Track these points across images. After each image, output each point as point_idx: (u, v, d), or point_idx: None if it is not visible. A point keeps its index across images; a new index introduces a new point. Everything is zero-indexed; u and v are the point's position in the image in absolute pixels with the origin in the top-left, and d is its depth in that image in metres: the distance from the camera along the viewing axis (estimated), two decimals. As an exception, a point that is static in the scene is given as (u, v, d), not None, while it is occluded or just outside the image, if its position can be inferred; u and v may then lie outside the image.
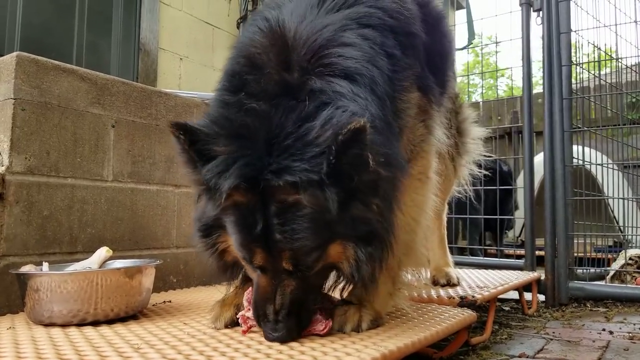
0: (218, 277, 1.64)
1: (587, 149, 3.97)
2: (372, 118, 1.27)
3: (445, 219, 2.71)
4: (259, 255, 1.26)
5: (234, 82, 1.38)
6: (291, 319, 1.28)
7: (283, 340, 1.28)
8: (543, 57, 3.26)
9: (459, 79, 4.87)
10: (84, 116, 2.10)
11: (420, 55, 1.64)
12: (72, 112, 2.06)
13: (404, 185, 1.42)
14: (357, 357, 1.14)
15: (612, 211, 4.88)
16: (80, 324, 1.54)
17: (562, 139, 3.13)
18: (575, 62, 3.41)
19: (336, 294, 1.52)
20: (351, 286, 1.46)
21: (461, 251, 5.17)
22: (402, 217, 1.47)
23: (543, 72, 3.25)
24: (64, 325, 1.53)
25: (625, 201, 4.52)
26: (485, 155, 2.85)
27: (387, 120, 1.37)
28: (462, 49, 4.09)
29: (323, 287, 1.43)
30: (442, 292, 2.17)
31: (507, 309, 2.90)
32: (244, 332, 1.41)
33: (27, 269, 1.68)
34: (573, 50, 3.37)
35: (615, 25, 3.78)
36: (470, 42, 3.66)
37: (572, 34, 3.30)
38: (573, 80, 3.33)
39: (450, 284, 2.34)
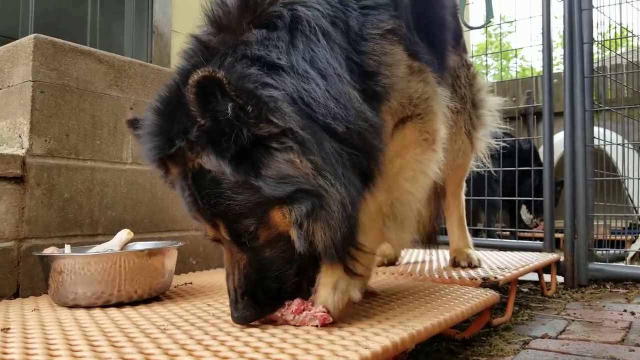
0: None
1: (601, 129, 3.89)
2: (278, 60, 1.16)
3: (463, 198, 2.64)
4: (206, 226, 1.26)
5: (182, 56, 1.37)
6: (248, 298, 1.22)
7: (241, 322, 1.24)
8: (564, 34, 3.18)
9: (473, 59, 4.79)
10: (103, 98, 2.09)
11: (406, 16, 1.47)
12: (91, 94, 2.05)
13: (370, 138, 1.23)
14: (385, 336, 1.13)
15: (629, 192, 4.79)
16: (104, 306, 1.55)
17: (584, 118, 3.06)
18: (597, 40, 3.32)
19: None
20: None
21: (476, 233, 5.13)
22: (391, 178, 1.37)
23: (564, 50, 3.17)
24: (88, 307, 1.54)
25: (644, 182, 4.43)
26: (503, 129, 2.74)
27: (320, 60, 1.19)
28: (479, 27, 3.99)
29: (287, 266, 1.26)
30: (463, 273, 2.15)
31: (525, 290, 2.88)
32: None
33: (49, 251, 1.68)
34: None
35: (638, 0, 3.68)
36: (488, 21, 3.57)
37: (594, 10, 3.21)
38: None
39: (471, 265, 2.31)
